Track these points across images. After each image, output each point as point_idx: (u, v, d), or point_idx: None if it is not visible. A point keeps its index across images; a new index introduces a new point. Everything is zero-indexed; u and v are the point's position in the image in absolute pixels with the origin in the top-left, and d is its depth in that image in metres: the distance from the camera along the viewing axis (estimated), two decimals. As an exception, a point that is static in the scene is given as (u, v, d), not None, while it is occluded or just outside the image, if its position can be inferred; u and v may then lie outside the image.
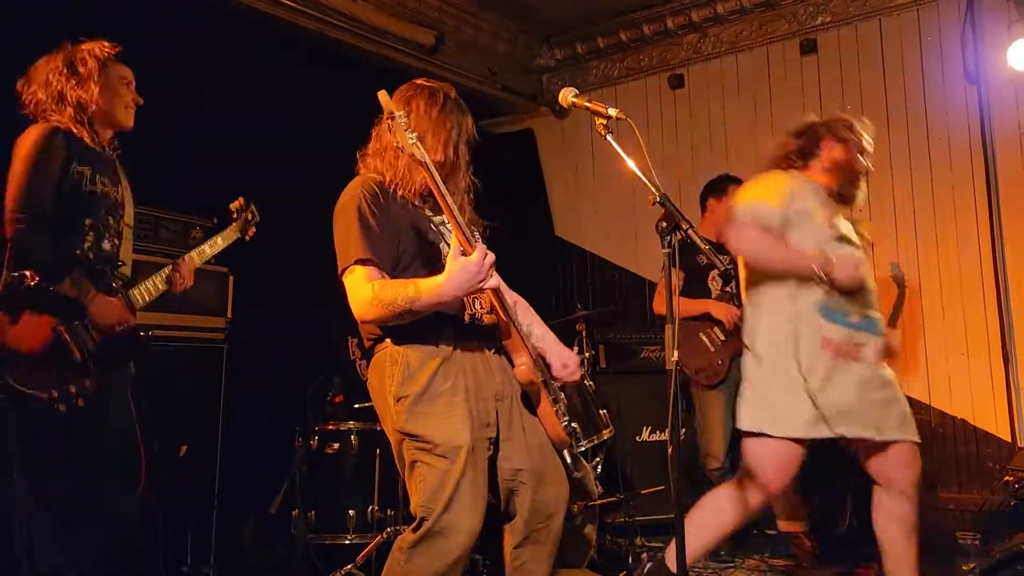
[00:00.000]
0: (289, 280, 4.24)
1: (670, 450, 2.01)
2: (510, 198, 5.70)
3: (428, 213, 2.31)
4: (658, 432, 4.47)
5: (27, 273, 2.36)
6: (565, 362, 2.42)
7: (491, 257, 2.08)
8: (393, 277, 2.17)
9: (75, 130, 2.50)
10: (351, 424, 3.79)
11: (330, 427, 3.80)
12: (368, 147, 2.34)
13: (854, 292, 2.67)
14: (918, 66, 4.62)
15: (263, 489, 3.90)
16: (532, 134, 6.09)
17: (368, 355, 2.30)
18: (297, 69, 4.53)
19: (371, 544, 3.42)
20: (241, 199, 3.07)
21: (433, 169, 2.08)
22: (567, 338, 4.36)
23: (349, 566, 3.33)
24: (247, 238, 3.05)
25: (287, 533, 3.76)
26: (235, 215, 3.05)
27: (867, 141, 2.84)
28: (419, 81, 2.35)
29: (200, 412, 3.81)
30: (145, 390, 2.80)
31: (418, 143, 2.04)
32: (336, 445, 3.76)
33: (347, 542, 3.64)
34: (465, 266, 2.05)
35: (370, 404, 2.35)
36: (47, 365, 2.34)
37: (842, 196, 2.82)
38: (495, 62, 5.58)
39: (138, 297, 2.63)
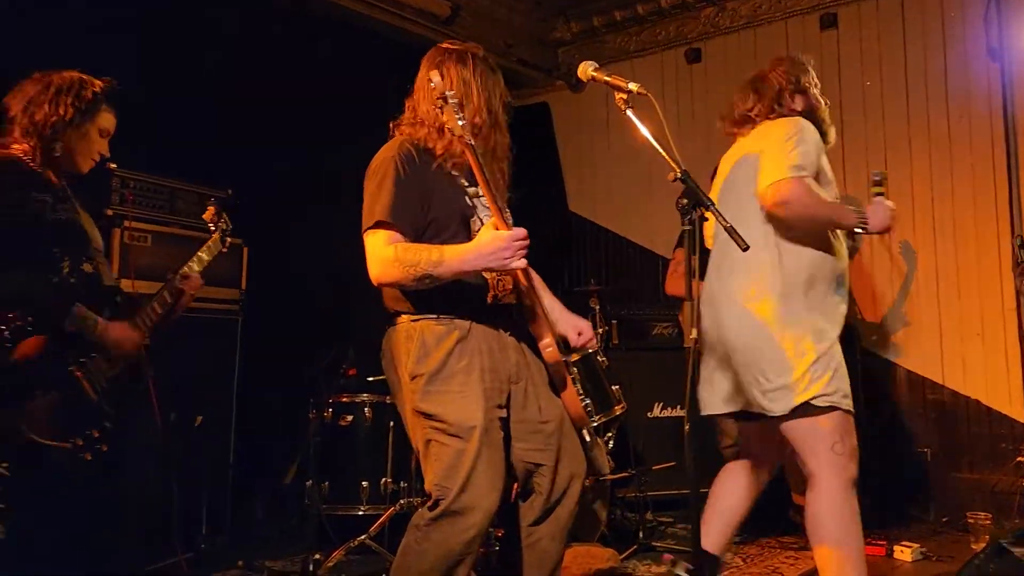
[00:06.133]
0: (303, 252, 4.25)
1: (687, 427, 2.01)
2: (524, 172, 5.68)
3: (464, 183, 2.27)
4: (669, 408, 4.48)
5: (9, 316, 2.15)
6: (580, 330, 2.43)
7: (525, 241, 2.07)
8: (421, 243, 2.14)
9: (31, 164, 2.30)
10: (364, 396, 3.81)
11: (344, 399, 3.82)
12: (403, 117, 2.30)
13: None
14: (940, 42, 4.54)
15: (277, 460, 3.95)
16: (547, 108, 6.05)
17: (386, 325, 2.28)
18: (309, 40, 4.50)
19: (384, 515, 3.45)
20: (212, 208, 2.72)
21: (477, 152, 2.07)
22: (580, 314, 4.38)
23: (363, 537, 3.37)
24: (224, 250, 2.74)
25: (301, 504, 3.80)
26: (212, 226, 2.72)
27: (815, 81, 2.83)
28: (445, 44, 2.32)
29: (215, 383, 3.85)
30: (161, 361, 2.82)
31: (467, 127, 2.04)
32: (350, 417, 3.79)
33: (360, 513, 3.67)
34: (495, 238, 2.04)
35: (383, 377, 2.34)
36: (64, 412, 2.18)
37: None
38: (511, 35, 5.53)
39: (144, 320, 2.45)
